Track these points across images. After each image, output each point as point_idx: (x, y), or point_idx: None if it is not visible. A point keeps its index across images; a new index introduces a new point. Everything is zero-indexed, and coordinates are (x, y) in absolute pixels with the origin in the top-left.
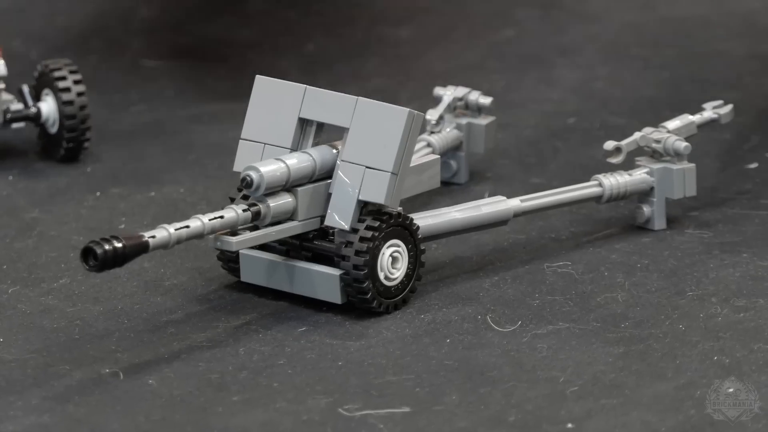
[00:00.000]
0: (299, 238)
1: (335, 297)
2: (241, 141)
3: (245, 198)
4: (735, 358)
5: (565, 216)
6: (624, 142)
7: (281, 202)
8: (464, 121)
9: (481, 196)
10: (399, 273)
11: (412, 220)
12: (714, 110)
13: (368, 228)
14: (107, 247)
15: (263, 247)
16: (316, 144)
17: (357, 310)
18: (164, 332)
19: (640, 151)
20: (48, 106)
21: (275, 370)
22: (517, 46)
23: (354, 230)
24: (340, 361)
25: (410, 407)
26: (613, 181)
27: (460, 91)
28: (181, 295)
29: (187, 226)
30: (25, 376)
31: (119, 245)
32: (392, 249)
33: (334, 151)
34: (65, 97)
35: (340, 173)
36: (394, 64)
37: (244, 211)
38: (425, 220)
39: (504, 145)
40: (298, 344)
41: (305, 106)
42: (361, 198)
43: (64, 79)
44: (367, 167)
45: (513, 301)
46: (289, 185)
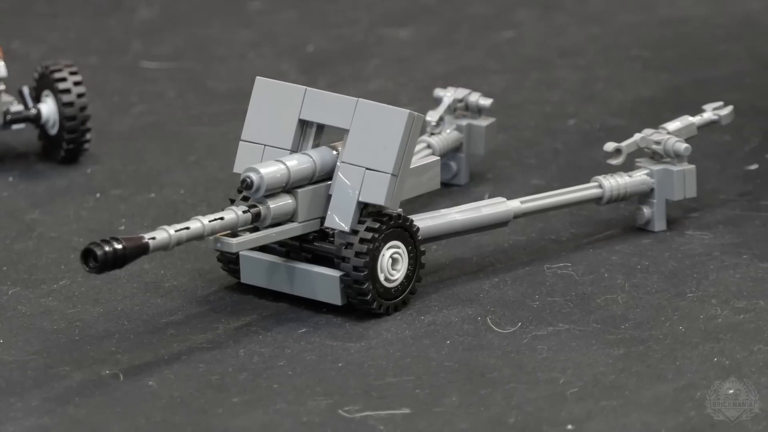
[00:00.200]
0: (299, 240)
1: (335, 298)
2: (241, 142)
3: (245, 199)
4: (735, 359)
5: (566, 217)
6: (624, 144)
7: (281, 203)
8: (464, 122)
9: (482, 198)
10: (399, 274)
11: (412, 221)
12: (714, 112)
13: (368, 229)
14: (107, 248)
15: (263, 249)
16: (316, 145)
17: (357, 311)
18: (164, 334)
19: (640, 152)
20: (48, 108)
21: (275, 371)
22: (517, 47)
23: (354, 232)
24: (341, 363)
25: (410, 409)
26: (613, 182)
27: (461, 93)
28: (182, 297)
29: (187, 228)
30: (26, 378)
31: (119, 247)
32: (392, 250)
33: (334, 152)
34: (65, 99)
35: (340, 175)
36: (394, 65)
37: (244, 212)
38: (425, 221)
39: (504, 147)
40: (298, 346)
41: (305, 108)
42: (361, 199)
43: (64, 80)
44: (367, 169)
45: (513, 303)
46: (289, 187)
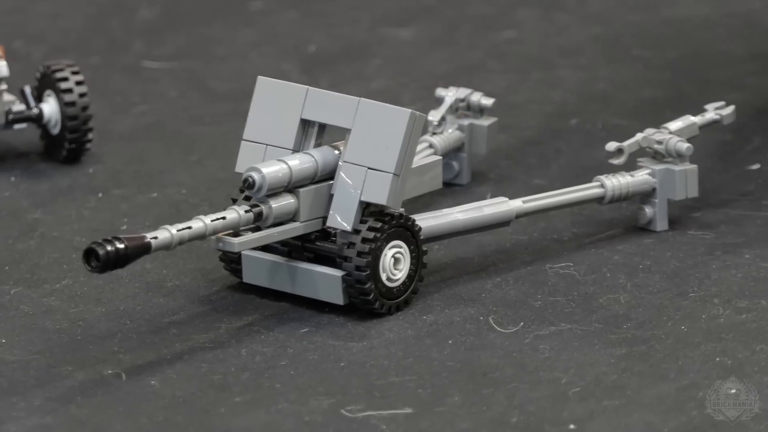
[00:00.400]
0: (301, 239)
1: (337, 298)
2: (243, 142)
3: (247, 199)
4: (737, 359)
5: (567, 217)
6: (626, 143)
7: (283, 203)
8: (466, 122)
9: (483, 197)
10: (401, 274)
11: (414, 221)
12: (716, 111)
13: (370, 229)
14: (109, 248)
15: (265, 248)
16: (318, 145)
17: (359, 311)
18: (167, 333)
19: (642, 152)
20: (50, 107)
21: (277, 371)
22: (518, 46)
23: (356, 231)
24: (343, 362)
25: (412, 408)
26: (615, 182)
27: (462, 92)
28: (184, 296)
29: (189, 227)
30: (28, 377)
31: (121, 246)
32: (394, 250)
33: (336, 152)
34: (67, 98)
35: (342, 174)
36: (395, 65)
37: (246, 212)
38: (427, 221)
39: (506, 146)
40: (300, 345)
41: (307, 107)
42: (363, 199)
43: (66, 80)
44: (369, 168)
45: (515, 302)
46: (291, 186)
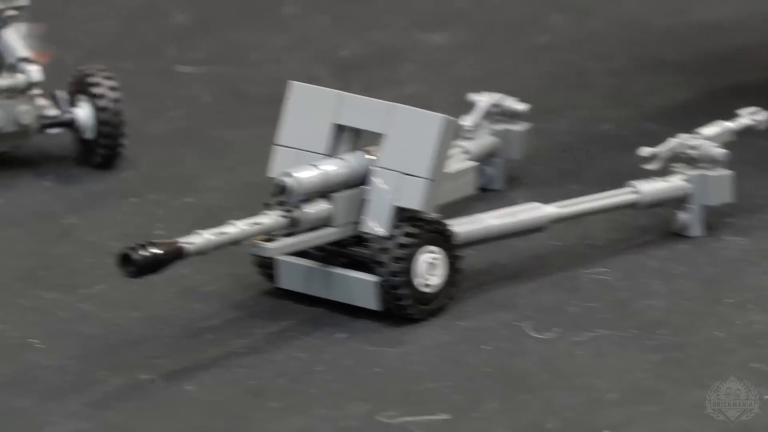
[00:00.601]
0: (335, 245)
1: (372, 303)
2: (276, 147)
3: (281, 204)
4: None
5: (602, 222)
6: (660, 149)
7: (317, 208)
8: (500, 127)
9: (518, 203)
10: (436, 279)
11: (448, 226)
12: (750, 116)
13: (405, 234)
14: (144, 253)
15: (300, 254)
16: (351, 150)
17: (394, 316)
18: (202, 338)
19: (676, 157)
20: (83, 112)
21: (313, 376)
22: (552, 51)
23: (391, 236)
24: (378, 368)
25: (449, 414)
26: (649, 187)
27: (496, 97)
28: (219, 302)
29: (224, 233)
30: (64, 382)
31: (156, 251)
32: (429, 255)
33: (370, 157)
34: (100, 103)
35: (375, 179)
36: (428, 69)
37: (280, 217)
38: (462, 226)
39: (540, 152)
40: (335, 351)
41: (340, 112)
42: (397, 204)
43: (99, 85)
44: (403, 173)
45: (550, 308)
46: (324, 191)
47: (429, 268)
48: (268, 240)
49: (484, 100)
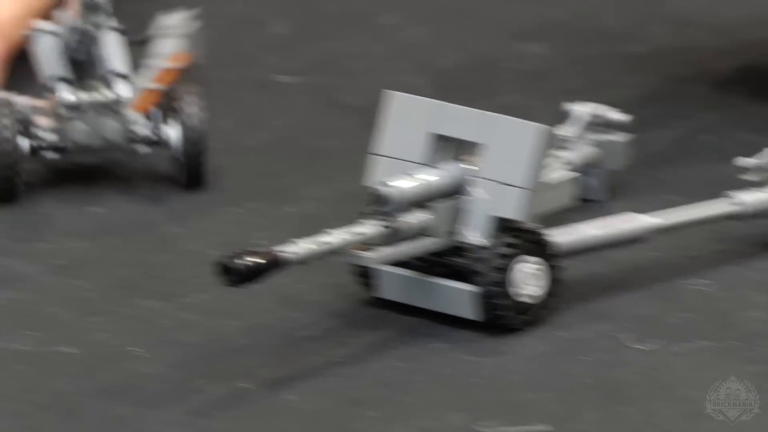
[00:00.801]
0: (434, 254)
1: (471, 313)
2: (373, 156)
3: (377, 213)
4: None
5: (702, 233)
6: (760, 159)
7: (416, 218)
8: (601, 137)
9: (617, 213)
10: (535, 289)
11: (548, 236)
12: None
13: (504, 244)
14: (245, 262)
15: (398, 263)
16: (448, 160)
17: (493, 326)
18: (301, 347)
19: None
20: (173, 130)
21: (412, 386)
22: (650, 62)
23: (489, 246)
24: (477, 378)
25: (548, 425)
26: (751, 198)
27: (596, 108)
28: (317, 311)
29: (323, 242)
30: (165, 391)
31: (256, 261)
32: (528, 265)
33: (467, 167)
34: (189, 122)
35: (474, 189)
36: (526, 80)
37: (379, 227)
38: (561, 236)
39: (639, 162)
40: (434, 360)
41: (438, 122)
42: (495, 214)
43: (187, 103)
44: (501, 183)
45: (650, 319)
46: (422, 201)
47: (528, 278)
48: (367, 250)
49: (583, 110)
